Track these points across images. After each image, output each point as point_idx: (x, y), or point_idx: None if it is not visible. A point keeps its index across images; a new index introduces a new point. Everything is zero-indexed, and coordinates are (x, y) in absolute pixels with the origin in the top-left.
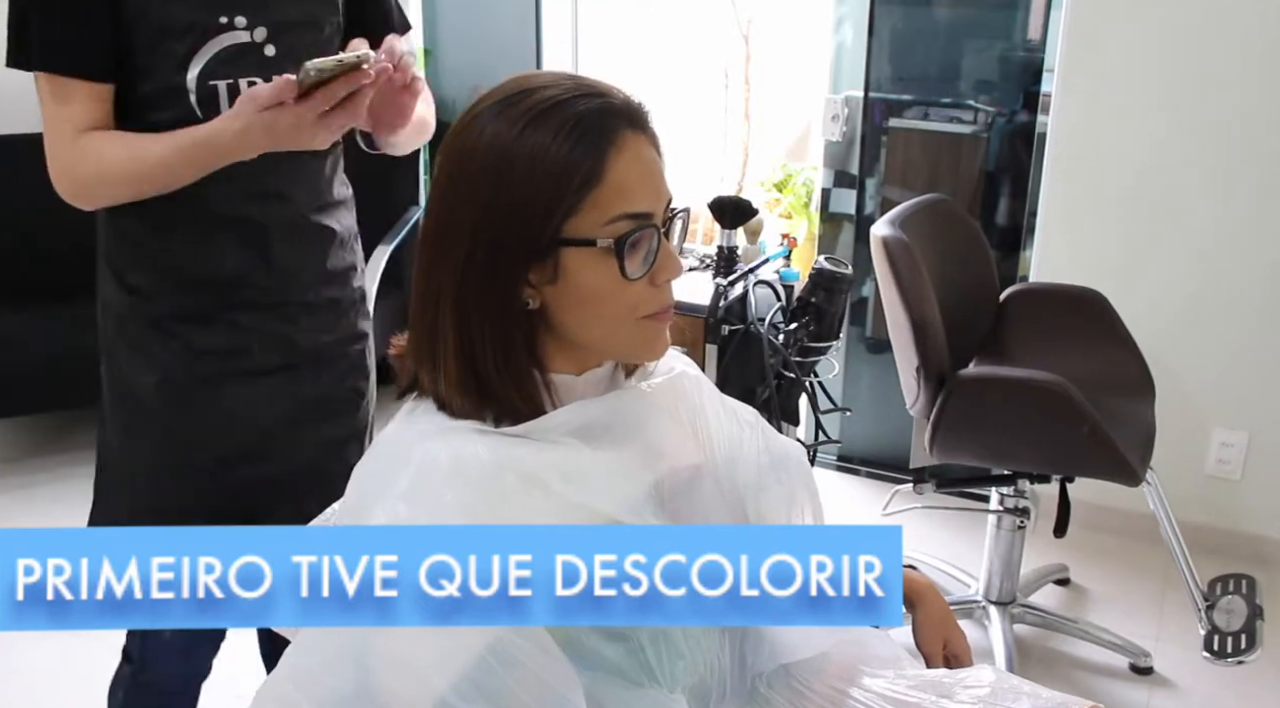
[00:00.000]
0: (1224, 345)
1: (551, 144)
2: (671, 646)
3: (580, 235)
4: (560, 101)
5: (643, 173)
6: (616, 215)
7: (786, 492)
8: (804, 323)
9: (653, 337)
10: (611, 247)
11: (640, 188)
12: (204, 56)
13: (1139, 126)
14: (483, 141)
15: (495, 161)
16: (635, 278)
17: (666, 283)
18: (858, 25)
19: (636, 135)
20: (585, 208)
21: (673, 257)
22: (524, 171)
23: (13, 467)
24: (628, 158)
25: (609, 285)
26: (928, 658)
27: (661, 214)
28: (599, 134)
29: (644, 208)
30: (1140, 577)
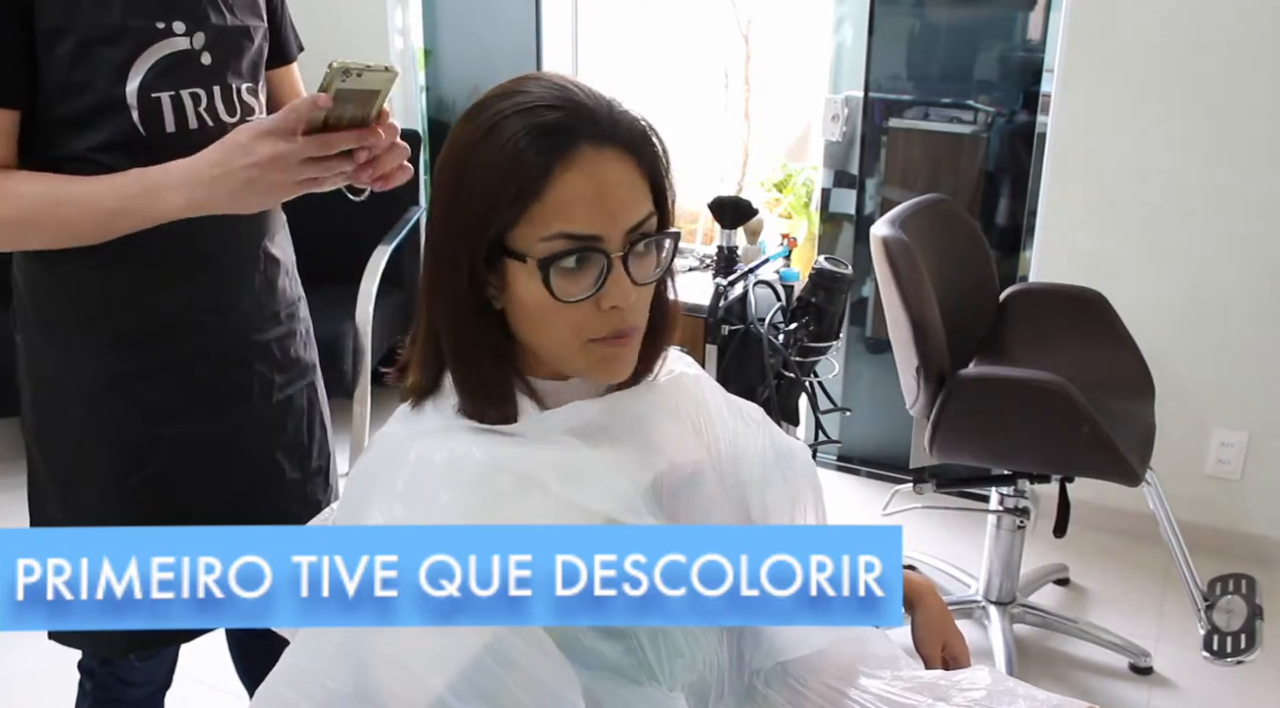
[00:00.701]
0: (1224, 345)
1: (502, 151)
2: (670, 643)
3: (516, 248)
4: (528, 108)
5: (594, 192)
6: (553, 234)
7: (790, 489)
8: (804, 323)
9: (602, 361)
10: (536, 266)
11: (586, 208)
12: (143, 66)
13: (1139, 126)
14: (459, 139)
15: (456, 164)
16: (570, 300)
17: (613, 309)
18: (858, 25)
19: (601, 151)
20: (524, 220)
21: (621, 284)
22: (473, 176)
23: (13, 467)
24: (577, 175)
25: (544, 303)
26: (926, 659)
27: (620, 237)
28: (551, 147)
29: (587, 229)
30: (1140, 577)
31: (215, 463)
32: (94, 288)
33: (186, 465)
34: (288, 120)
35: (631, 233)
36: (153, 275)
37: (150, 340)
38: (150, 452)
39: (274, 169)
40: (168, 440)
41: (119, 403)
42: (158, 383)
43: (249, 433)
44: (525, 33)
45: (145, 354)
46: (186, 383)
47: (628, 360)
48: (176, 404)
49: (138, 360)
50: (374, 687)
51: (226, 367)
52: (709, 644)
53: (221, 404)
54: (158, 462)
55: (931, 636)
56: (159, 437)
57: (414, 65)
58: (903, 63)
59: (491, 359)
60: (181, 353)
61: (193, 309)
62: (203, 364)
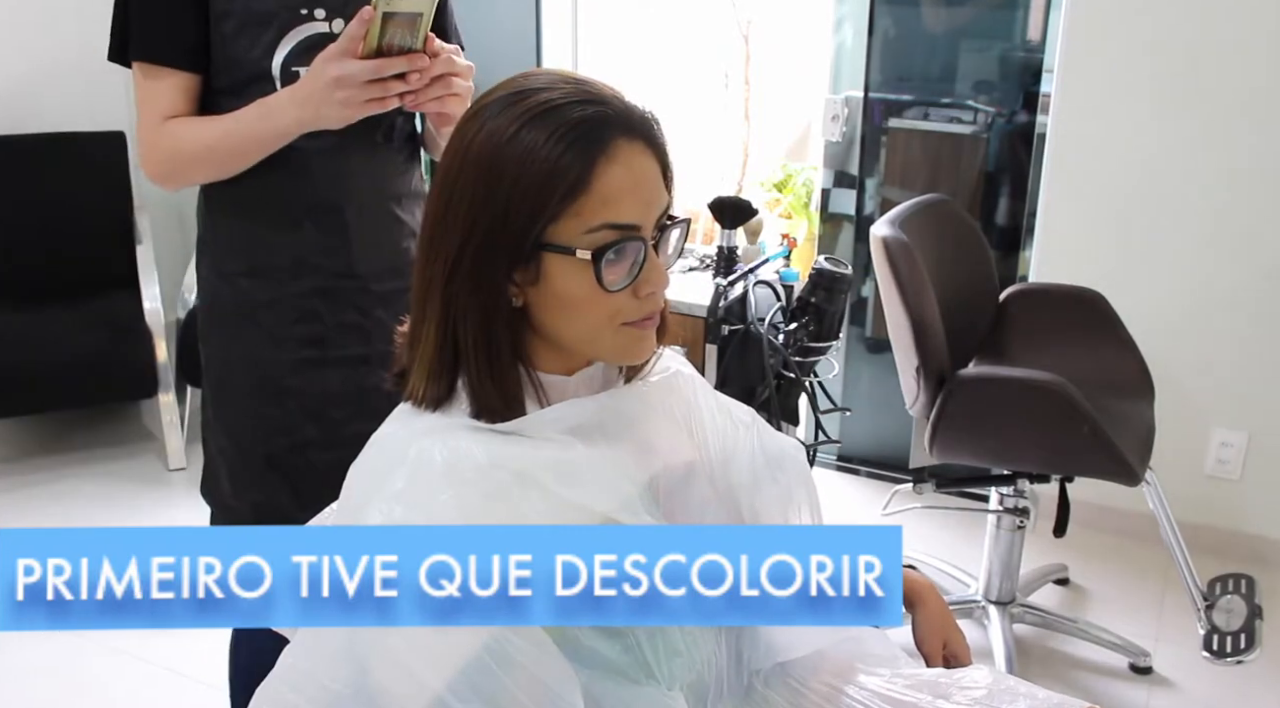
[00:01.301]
0: (1224, 345)
1: (541, 148)
2: (669, 643)
3: (561, 242)
4: (556, 106)
5: (632, 183)
6: (599, 225)
7: (783, 490)
8: (804, 323)
9: (634, 342)
10: (588, 257)
11: (628, 199)
12: (287, 45)
13: (1139, 126)
14: (478, 140)
15: (488, 161)
16: (615, 289)
17: (650, 294)
18: (858, 25)
19: (632, 143)
20: (569, 215)
21: (658, 270)
22: (513, 174)
23: (13, 467)
24: (618, 167)
25: (588, 293)
26: (927, 658)
27: (652, 225)
28: (590, 141)
29: (630, 219)
30: (1140, 577)
31: (332, 387)
32: (237, 230)
33: (306, 382)
34: (344, 43)
35: (660, 220)
36: (282, 220)
37: (276, 276)
38: (276, 370)
39: (340, 87)
40: (290, 363)
41: (251, 328)
42: (282, 313)
43: (368, 366)
44: (525, 33)
45: (272, 288)
46: (308, 316)
47: (652, 342)
48: (297, 333)
49: (267, 293)
50: (374, 687)
51: (345, 308)
52: (707, 644)
53: (339, 339)
54: (284, 380)
55: (932, 634)
56: (282, 359)
57: None
58: (903, 63)
59: (511, 359)
60: (303, 289)
61: (315, 252)
62: (321, 301)
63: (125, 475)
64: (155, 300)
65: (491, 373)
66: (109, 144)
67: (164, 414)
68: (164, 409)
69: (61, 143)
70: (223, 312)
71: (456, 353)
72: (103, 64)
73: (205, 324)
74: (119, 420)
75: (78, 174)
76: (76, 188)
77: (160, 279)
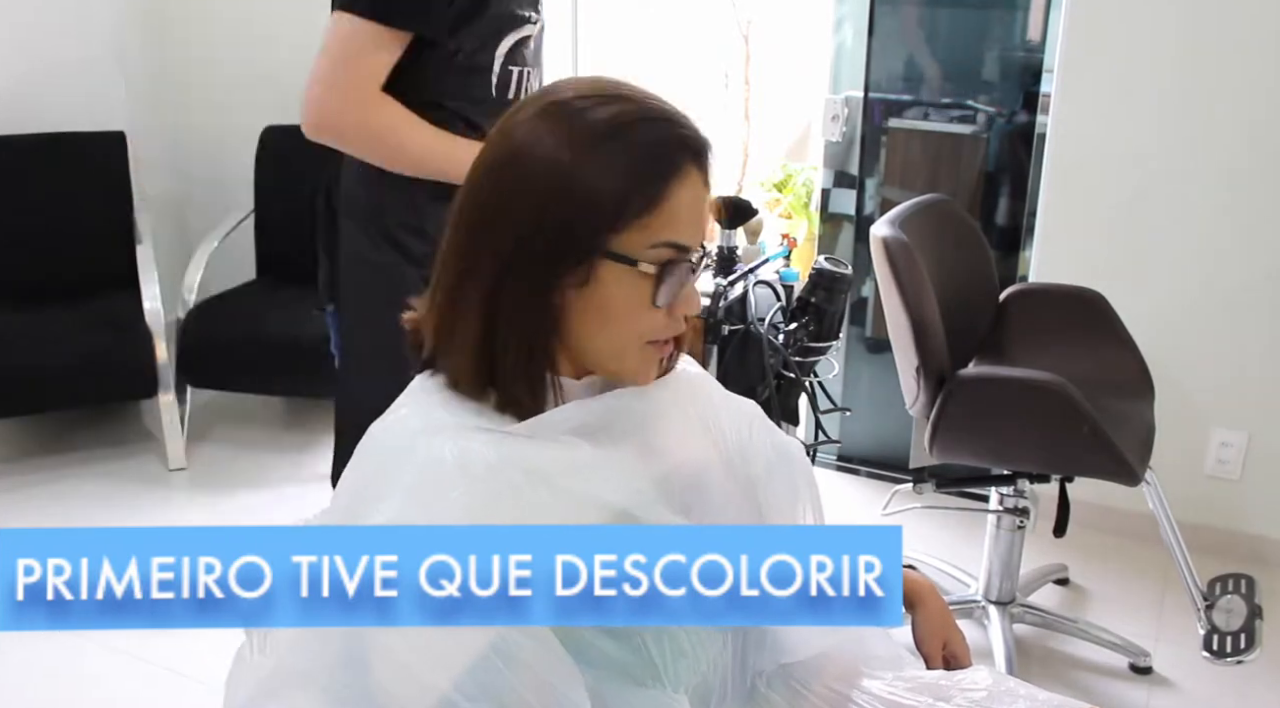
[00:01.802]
0: (1224, 345)
1: (619, 166)
2: (675, 645)
3: (624, 252)
4: (646, 119)
5: (696, 208)
6: (662, 242)
7: (790, 484)
8: (804, 323)
9: (650, 364)
10: (654, 271)
11: (690, 222)
12: (507, 43)
13: (1139, 126)
14: (547, 145)
15: (561, 169)
16: (660, 305)
17: (682, 316)
18: (858, 25)
19: (700, 170)
20: (636, 227)
21: (695, 294)
22: (587, 187)
23: (13, 467)
24: (686, 190)
25: (634, 306)
26: (927, 659)
27: (697, 251)
28: (668, 162)
29: (688, 241)
30: (1140, 577)
31: None
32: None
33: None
34: None
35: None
36: (423, 194)
37: (409, 242)
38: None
39: None
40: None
41: (382, 283)
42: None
43: None
44: None
45: (402, 252)
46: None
47: (658, 368)
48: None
49: (397, 254)
50: (376, 688)
51: None
52: (714, 646)
53: None
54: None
55: (932, 635)
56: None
57: None
58: (903, 63)
59: (543, 359)
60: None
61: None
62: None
63: (125, 475)
64: (155, 300)
65: (528, 370)
66: (109, 144)
67: (164, 414)
68: (164, 409)
69: (61, 143)
70: (386, 276)
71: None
72: (103, 64)
73: (360, 294)
74: (119, 420)
75: (78, 174)
76: (76, 188)
77: (160, 279)
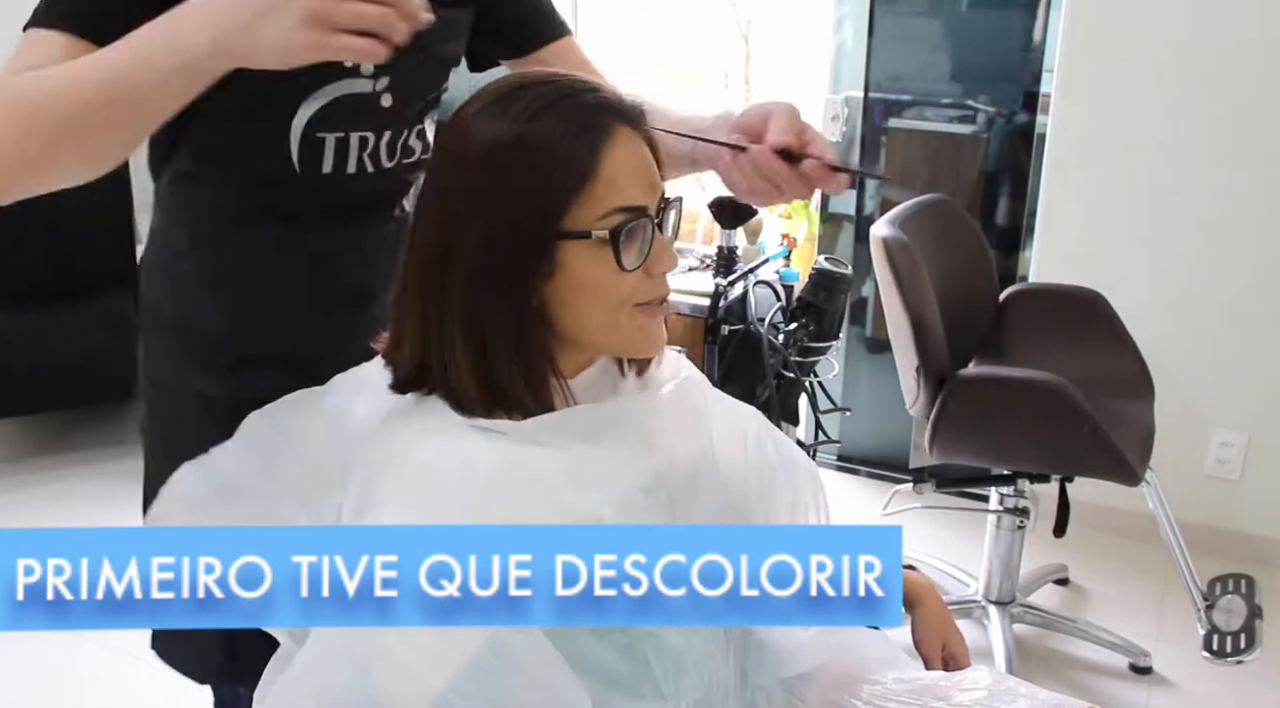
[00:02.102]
0: (1224, 345)
1: (548, 140)
2: (678, 661)
3: (577, 228)
4: (554, 99)
5: (636, 167)
6: (611, 209)
7: (791, 495)
8: (804, 323)
9: (648, 329)
10: (607, 238)
11: (634, 181)
12: (315, 104)
13: (1139, 126)
14: (483, 140)
15: (497, 158)
16: (631, 268)
17: (661, 274)
18: (858, 25)
19: (630, 128)
20: (581, 202)
21: (667, 248)
22: (523, 168)
23: (13, 467)
24: (621, 152)
25: (605, 276)
26: (926, 659)
27: (655, 207)
28: (594, 128)
29: (638, 201)
30: (1140, 577)
31: None
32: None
33: None
34: None
35: (661, 201)
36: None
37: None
38: None
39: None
40: None
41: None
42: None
43: None
44: None
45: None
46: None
47: (663, 332)
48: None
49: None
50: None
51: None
52: (716, 662)
53: None
54: None
55: (932, 635)
56: None
57: None
58: (903, 63)
59: (540, 358)
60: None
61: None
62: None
63: (125, 475)
64: None
65: (525, 376)
66: None
67: None
68: None
69: None
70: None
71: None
72: None
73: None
74: (119, 420)
75: None
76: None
77: None
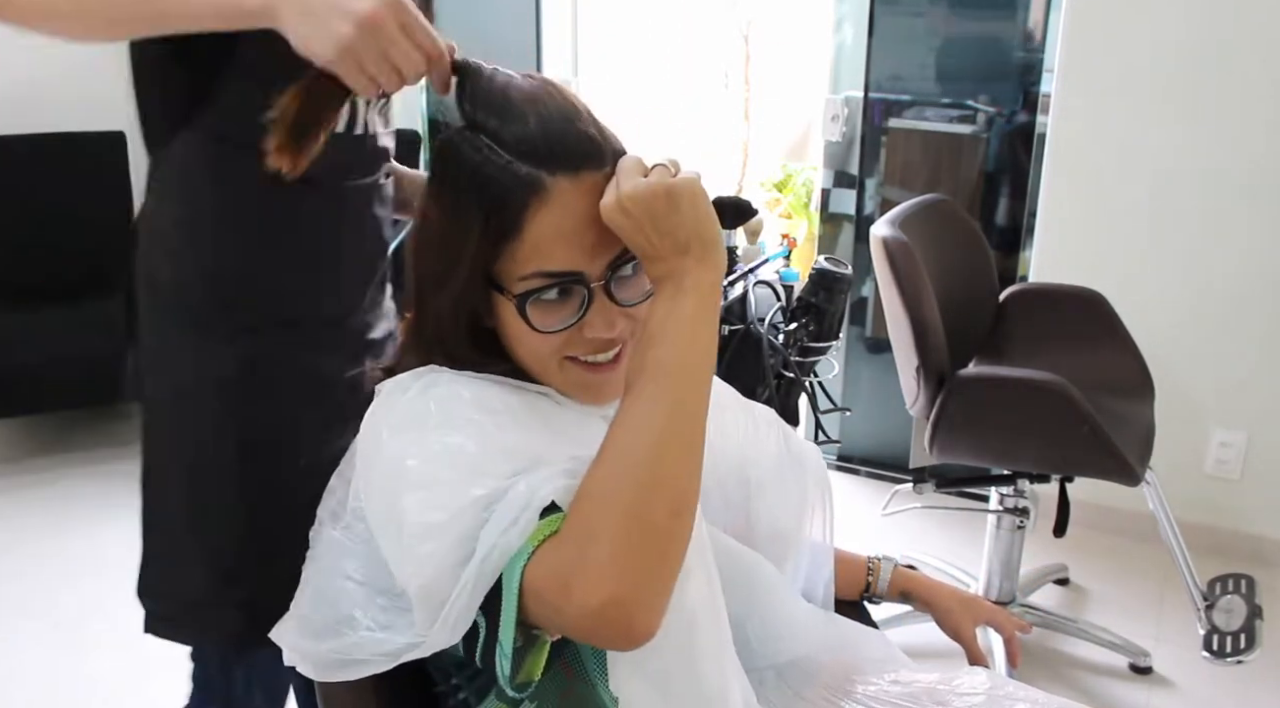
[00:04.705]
0: (1224, 345)
1: (480, 190)
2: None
3: (498, 281)
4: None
5: (570, 229)
6: (530, 272)
7: (798, 492)
8: (804, 323)
9: (584, 383)
10: (514, 301)
11: (564, 246)
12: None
13: (1139, 126)
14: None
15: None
16: (548, 331)
17: (594, 339)
18: (858, 25)
19: (575, 182)
20: (505, 257)
21: (604, 313)
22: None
23: (12, 467)
24: (551, 213)
25: (524, 331)
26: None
27: (602, 266)
28: (523, 185)
29: (565, 266)
30: (1140, 577)
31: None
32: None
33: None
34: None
35: (614, 262)
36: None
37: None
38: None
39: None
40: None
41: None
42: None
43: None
44: (525, 32)
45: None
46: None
47: (615, 386)
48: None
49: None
50: None
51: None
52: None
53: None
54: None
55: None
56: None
57: None
58: (903, 63)
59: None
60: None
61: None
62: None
63: (125, 475)
64: None
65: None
66: (109, 144)
67: None
68: None
69: (61, 143)
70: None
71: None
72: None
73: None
74: (119, 420)
75: (78, 174)
76: (76, 188)
77: None
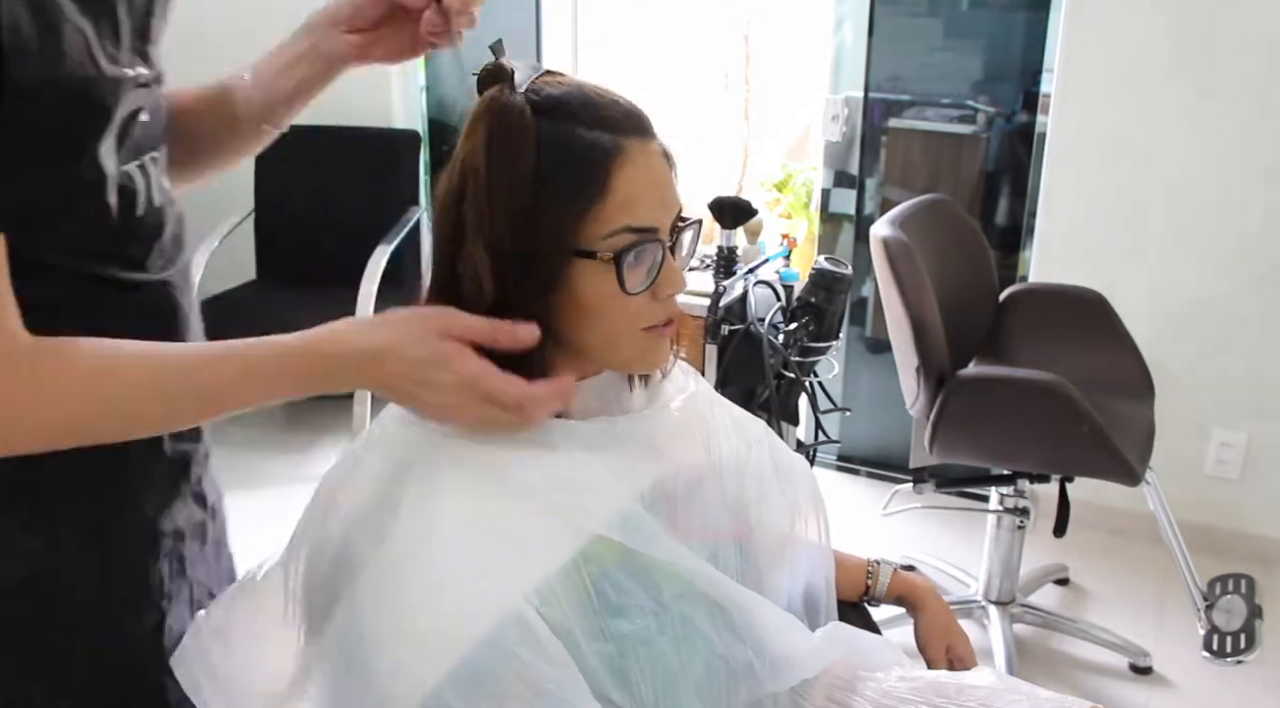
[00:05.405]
0: (1224, 345)
1: (559, 157)
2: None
3: (582, 246)
4: (571, 111)
5: (649, 185)
6: (619, 228)
7: (789, 503)
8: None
9: (653, 348)
10: (611, 260)
11: (645, 200)
12: (118, 121)
13: (1139, 126)
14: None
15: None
16: (635, 292)
17: (669, 297)
18: (858, 25)
19: (645, 145)
20: (589, 220)
21: (676, 272)
22: (536, 182)
23: None
24: (633, 170)
25: (609, 297)
26: (930, 662)
27: (669, 226)
28: (607, 145)
29: (648, 222)
30: (1140, 577)
31: None
32: None
33: None
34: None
35: (676, 222)
36: None
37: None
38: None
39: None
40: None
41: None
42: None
43: None
44: (525, 32)
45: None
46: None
47: (668, 348)
48: None
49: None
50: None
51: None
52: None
53: None
54: None
55: (935, 638)
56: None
57: (414, 66)
58: (903, 63)
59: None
60: None
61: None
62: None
63: None
64: None
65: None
66: None
67: None
68: None
69: None
70: None
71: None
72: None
73: None
74: None
75: None
76: None
77: None
